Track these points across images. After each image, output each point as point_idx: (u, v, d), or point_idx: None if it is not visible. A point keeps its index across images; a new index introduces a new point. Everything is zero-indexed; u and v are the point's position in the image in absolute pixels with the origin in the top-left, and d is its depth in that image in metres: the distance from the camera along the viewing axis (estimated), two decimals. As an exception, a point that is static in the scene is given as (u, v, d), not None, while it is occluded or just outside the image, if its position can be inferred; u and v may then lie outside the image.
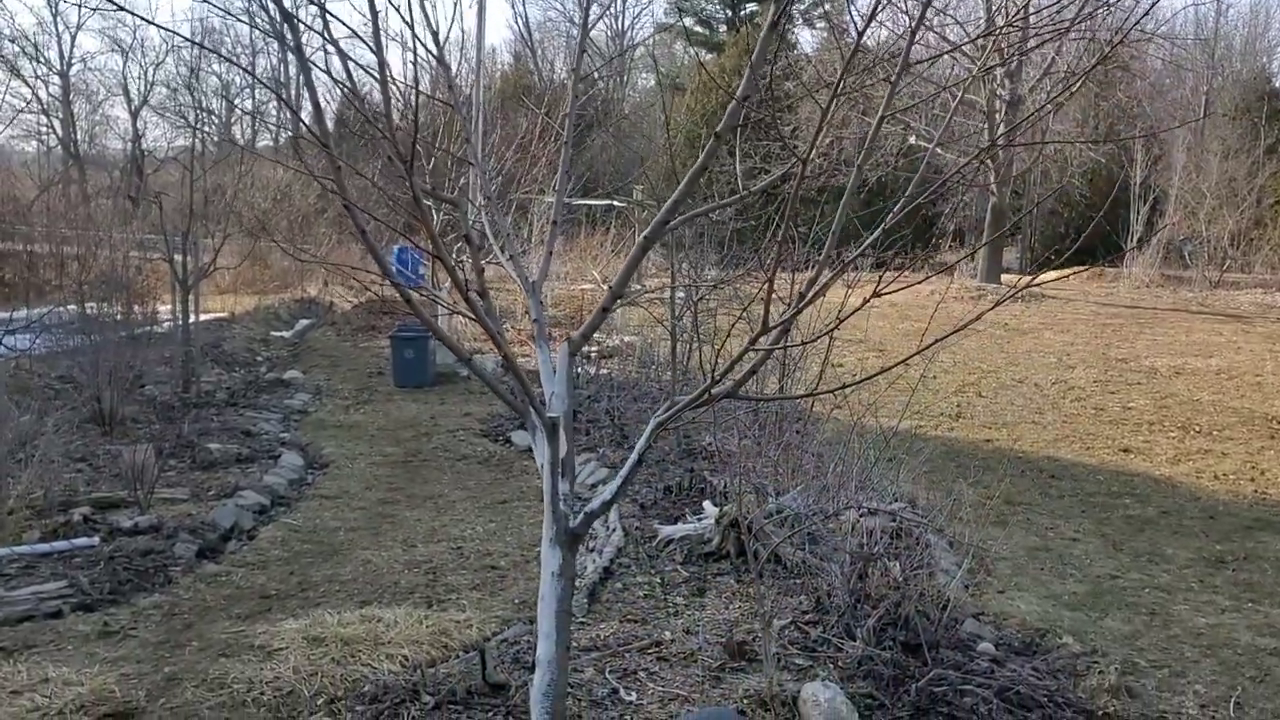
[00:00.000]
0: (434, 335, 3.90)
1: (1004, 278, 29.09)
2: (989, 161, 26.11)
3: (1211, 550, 7.57)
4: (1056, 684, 4.95)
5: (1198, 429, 11.83)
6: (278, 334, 18.93)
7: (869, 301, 3.13)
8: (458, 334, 17.79)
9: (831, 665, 5.00)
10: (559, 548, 3.85)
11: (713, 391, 3.64)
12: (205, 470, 8.87)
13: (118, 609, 5.95)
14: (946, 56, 22.69)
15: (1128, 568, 7.13)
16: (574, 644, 5.29)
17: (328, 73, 3.51)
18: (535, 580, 6.61)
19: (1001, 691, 4.67)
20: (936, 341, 3.39)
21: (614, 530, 7.12)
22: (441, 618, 5.73)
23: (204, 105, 45.47)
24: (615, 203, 25.30)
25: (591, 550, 6.92)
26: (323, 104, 4.01)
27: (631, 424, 10.36)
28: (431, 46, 4.39)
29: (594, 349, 14.34)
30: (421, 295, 12.65)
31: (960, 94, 3.44)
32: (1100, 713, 4.78)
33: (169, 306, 16.64)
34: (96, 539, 6.82)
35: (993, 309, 3.61)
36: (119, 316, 13.30)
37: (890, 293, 3.11)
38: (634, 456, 3.82)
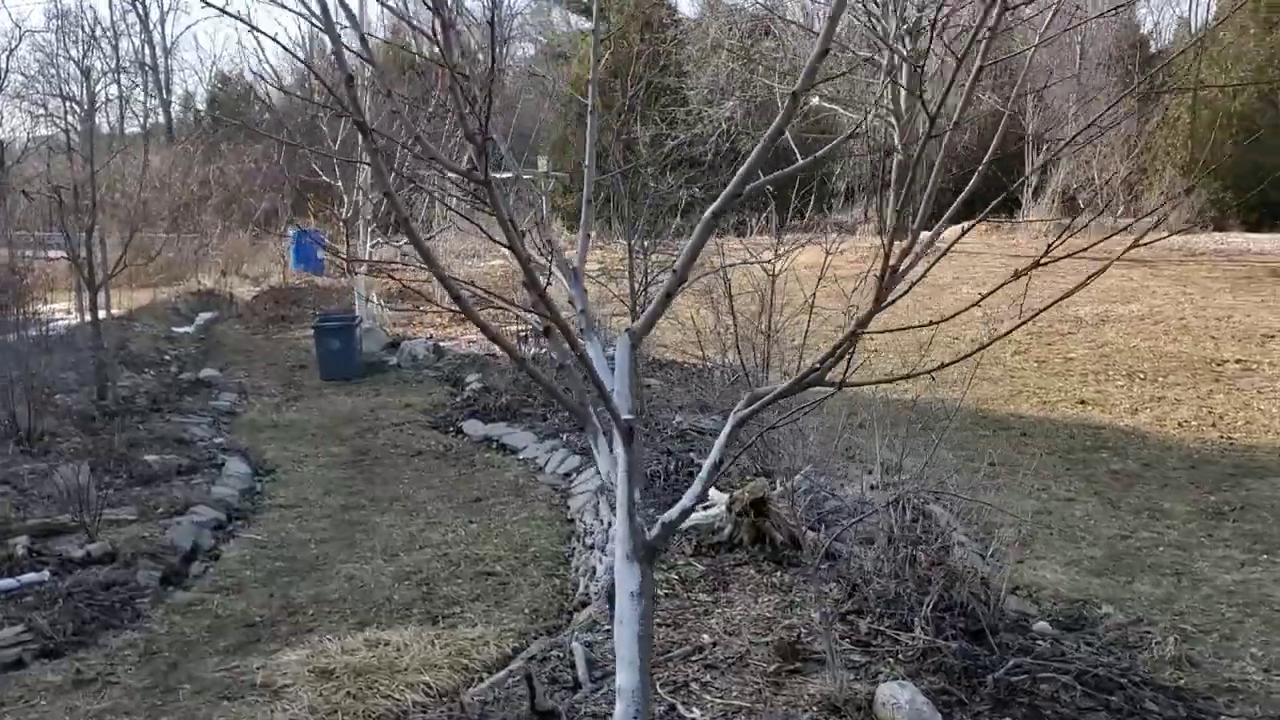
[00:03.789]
0: (489, 338, 3.43)
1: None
2: (894, 120, 26.18)
3: (1206, 502, 7.52)
4: (1130, 662, 4.75)
5: (1143, 376, 11.91)
6: (181, 330, 17.92)
7: (1026, 270, 2.83)
8: (375, 320, 17.09)
9: (892, 660, 4.70)
10: (637, 563, 3.46)
11: (804, 380, 3.33)
12: (146, 485, 8.15)
13: (87, 652, 5.35)
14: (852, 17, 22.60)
15: (1133, 526, 7.02)
16: (609, 655, 4.91)
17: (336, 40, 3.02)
18: (539, 586, 6.20)
19: (1080, 675, 4.43)
20: (1034, 315, 3.23)
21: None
22: (454, 636, 5.29)
23: (64, 94, 43.18)
24: (524, 175, 24.68)
25: (591, 547, 6.53)
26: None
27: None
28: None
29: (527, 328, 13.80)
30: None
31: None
32: (1173, 686, 4.59)
33: (58, 306, 15.60)
34: (47, 573, 6.15)
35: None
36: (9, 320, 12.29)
37: (1052, 261, 2.81)
38: (714, 455, 3.44)
